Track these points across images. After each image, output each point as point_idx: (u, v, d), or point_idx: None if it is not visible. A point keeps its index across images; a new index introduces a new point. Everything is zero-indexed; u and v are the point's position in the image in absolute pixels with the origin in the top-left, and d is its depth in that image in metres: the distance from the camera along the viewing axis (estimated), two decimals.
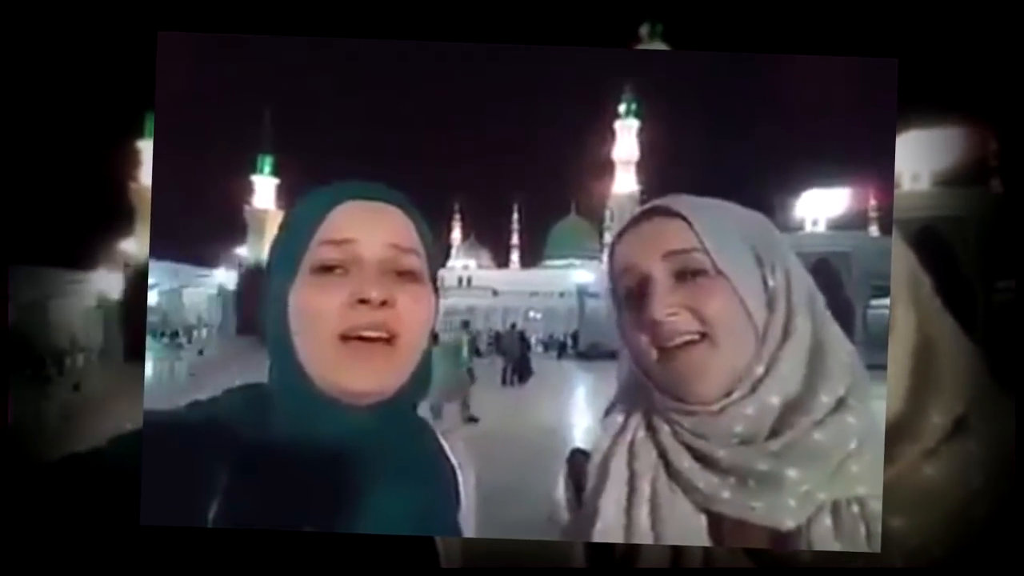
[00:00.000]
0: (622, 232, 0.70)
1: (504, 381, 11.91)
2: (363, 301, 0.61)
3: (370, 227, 0.65)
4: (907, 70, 1.00)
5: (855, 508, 0.60)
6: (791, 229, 19.51)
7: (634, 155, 36.70)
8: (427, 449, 0.70)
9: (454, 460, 0.72)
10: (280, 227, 0.68)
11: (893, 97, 0.98)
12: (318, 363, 0.62)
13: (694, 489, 0.63)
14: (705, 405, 0.63)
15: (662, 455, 0.66)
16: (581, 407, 8.69)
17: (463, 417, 7.60)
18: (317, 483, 0.60)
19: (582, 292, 23.60)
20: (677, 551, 0.65)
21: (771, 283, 0.64)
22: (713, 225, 0.65)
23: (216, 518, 0.57)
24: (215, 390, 0.64)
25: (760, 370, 0.62)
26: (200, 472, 0.59)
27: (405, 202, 0.68)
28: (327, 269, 0.63)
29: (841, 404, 0.62)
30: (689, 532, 0.63)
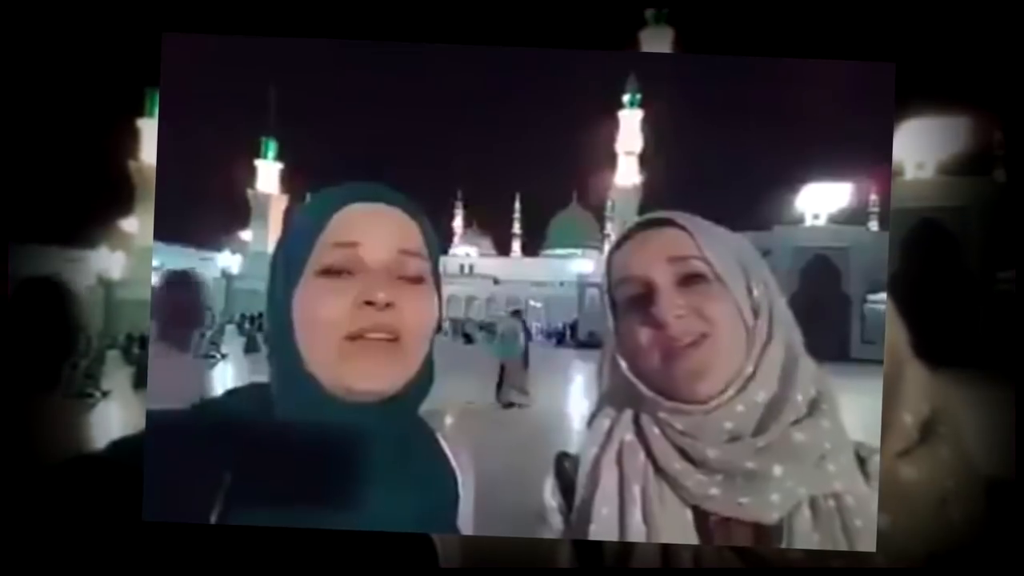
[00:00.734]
0: (620, 242, 0.73)
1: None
2: (369, 303, 0.62)
3: (376, 231, 0.65)
4: (912, 61, 1.01)
5: (831, 503, 0.64)
6: (791, 223, 19.50)
7: (636, 146, 36.51)
8: (427, 449, 0.71)
9: (453, 460, 0.73)
10: (285, 229, 0.69)
11: (891, 100, 1.01)
12: (323, 363, 0.62)
13: (683, 488, 0.65)
14: (702, 404, 0.65)
15: (651, 458, 0.68)
16: (578, 394, 8.84)
17: (503, 401, 7.81)
18: (319, 481, 0.60)
19: (582, 282, 23.64)
20: (670, 550, 0.67)
21: (755, 292, 0.68)
22: (708, 236, 0.69)
23: (219, 515, 0.58)
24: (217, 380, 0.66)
25: (749, 369, 0.66)
26: (203, 469, 0.59)
27: (410, 205, 0.69)
28: (333, 272, 0.63)
29: (815, 409, 0.66)
30: (681, 531, 0.66)
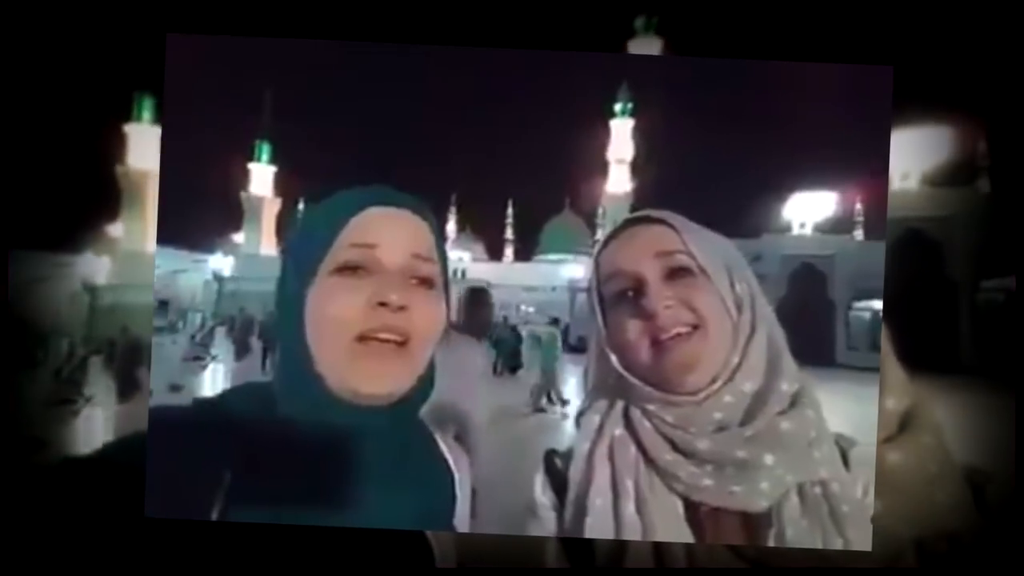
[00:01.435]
0: (607, 240, 0.75)
1: (496, 372, 12.26)
2: (382, 304, 0.62)
3: (394, 233, 0.66)
4: (897, 73, 1.00)
5: (818, 490, 0.66)
6: (779, 231, 19.77)
7: (628, 154, 36.91)
8: (426, 450, 0.72)
9: (451, 461, 0.74)
10: (297, 229, 0.69)
11: (888, 105, 0.99)
12: (333, 363, 0.62)
13: (676, 479, 0.67)
14: (692, 395, 0.67)
15: (642, 450, 0.69)
16: (570, 395, 8.94)
17: (535, 405, 8.02)
18: (319, 479, 0.61)
19: (573, 287, 23.78)
20: (664, 548, 0.68)
21: (738, 288, 0.71)
22: (692, 233, 0.72)
23: (220, 512, 0.58)
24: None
25: (736, 360, 0.68)
26: (204, 466, 0.59)
27: (422, 209, 0.69)
28: (348, 269, 0.64)
29: (798, 400, 0.68)
30: (675, 522, 0.67)
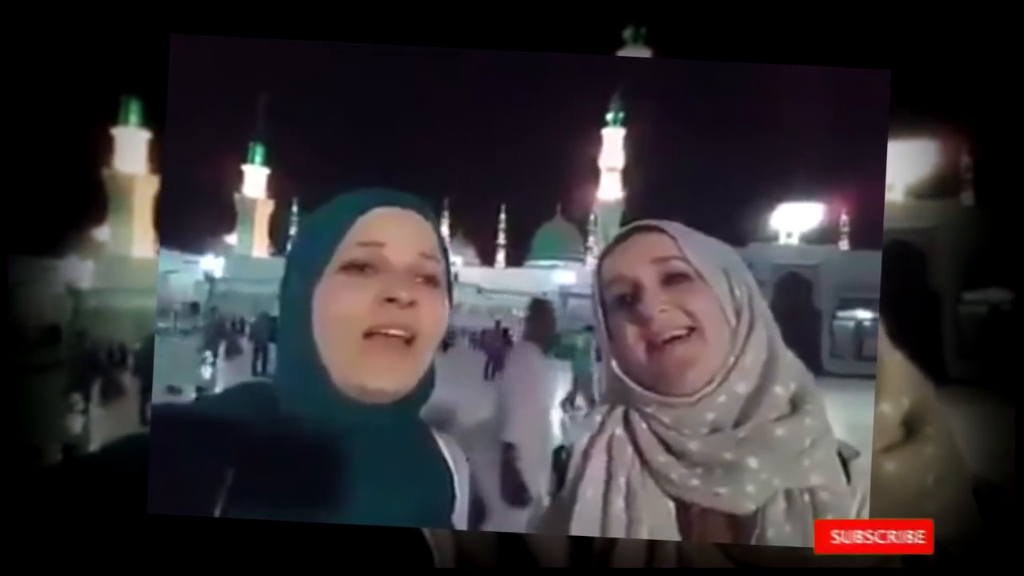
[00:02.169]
0: (609, 248, 0.77)
1: (487, 375, 12.28)
2: (391, 300, 0.63)
3: (400, 233, 0.67)
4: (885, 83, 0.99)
5: (806, 497, 0.66)
6: (766, 240, 20.01)
7: (619, 162, 37.28)
8: (426, 448, 0.73)
9: (450, 460, 0.75)
10: (303, 229, 0.70)
11: (886, 110, 0.97)
12: (341, 359, 0.63)
13: (667, 480, 0.68)
14: (687, 397, 0.68)
15: (638, 450, 0.71)
16: (559, 401, 8.99)
17: (568, 411, 8.13)
18: (320, 477, 0.61)
19: (564, 292, 23.89)
20: (657, 546, 0.69)
21: (737, 293, 0.72)
22: (689, 240, 0.74)
23: (222, 509, 0.58)
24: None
25: (731, 360, 0.69)
26: (207, 464, 0.59)
27: (426, 209, 0.71)
28: (356, 267, 0.64)
29: (799, 407, 0.68)
30: (661, 520, 0.69)
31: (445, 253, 0.72)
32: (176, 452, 0.60)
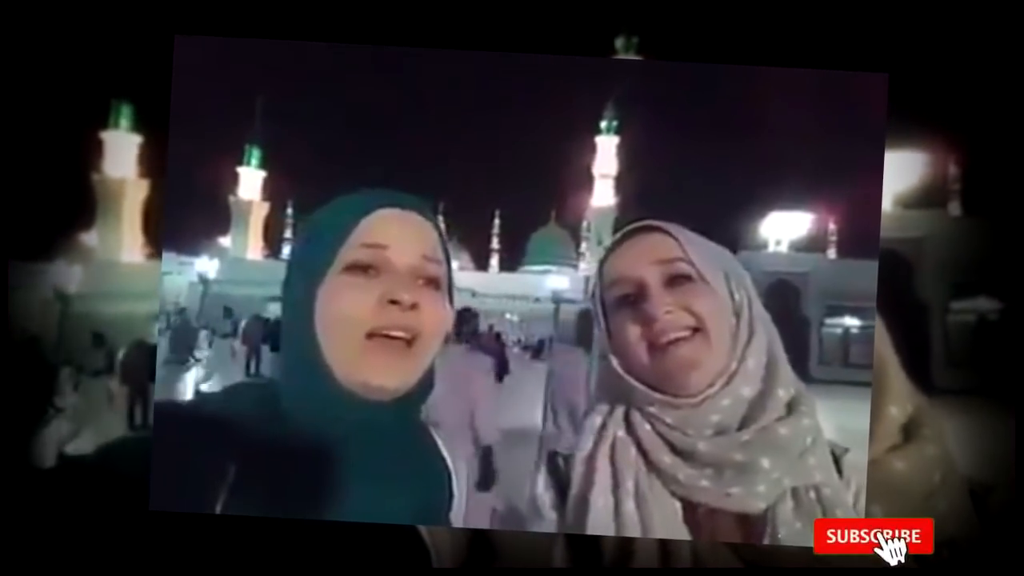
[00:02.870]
0: (612, 248, 0.78)
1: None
2: (394, 302, 0.64)
3: (403, 235, 0.68)
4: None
5: (812, 494, 0.68)
6: (755, 248, 20.15)
7: (613, 169, 37.60)
8: (426, 448, 0.74)
9: (448, 458, 0.76)
10: (306, 229, 0.71)
11: (883, 115, 0.98)
12: (343, 358, 0.64)
13: (674, 481, 0.69)
14: (691, 398, 0.69)
15: (642, 452, 0.71)
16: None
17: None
18: (321, 474, 0.61)
19: (557, 298, 23.98)
20: (666, 546, 0.69)
21: (737, 296, 0.73)
22: (691, 241, 0.74)
23: (224, 505, 0.59)
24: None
25: (734, 365, 0.70)
26: (209, 461, 0.60)
27: (428, 211, 0.71)
28: (359, 268, 0.65)
29: (795, 408, 0.70)
30: (673, 521, 0.69)
31: (446, 254, 0.72)
32: (178, 449, 0.60)
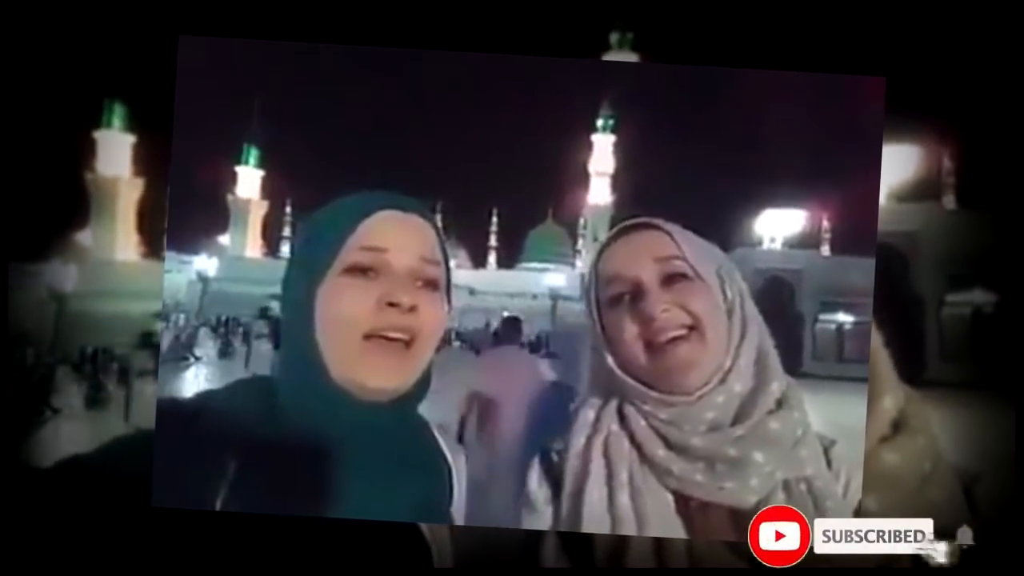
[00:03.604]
0: (607, 245, 0.78)
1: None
2: (392, 304, 0.65)
3: (402, 237, 0.68)
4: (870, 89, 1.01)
5: (803, 486, 0.70)
6: (750, 245, 20.21)
7: (609, 168, 37.67)
8: (426, 445, 0.75)
9: (449, 456, 0.77)
10: (306, 230, 0.71)
11: (880, 117, 0.97)
12: (341, 358, 0.64)
13: (668, 474, 0.70)
14: (687, 395, 0.70)
15: (636, 446, 0.72)
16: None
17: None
18: (321, 472, 0.62)
19: (554, 295, 24.01)
20: (661, 544, 0.70)
21: (729, 294, 0.74)
22: (687, 239, 0.75)
23: (224, 502, 0.60)
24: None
25: (728, 362, 0.72)
26: (209, 458, 0.61)
27: (428, 214, 0.72)
28: (358, 270, 0.66)
29: (784, 401, 0.72)
30: (667, 515, 0.70)
31: (445, 255, 0.73)
32: (179, 447, 0.61)
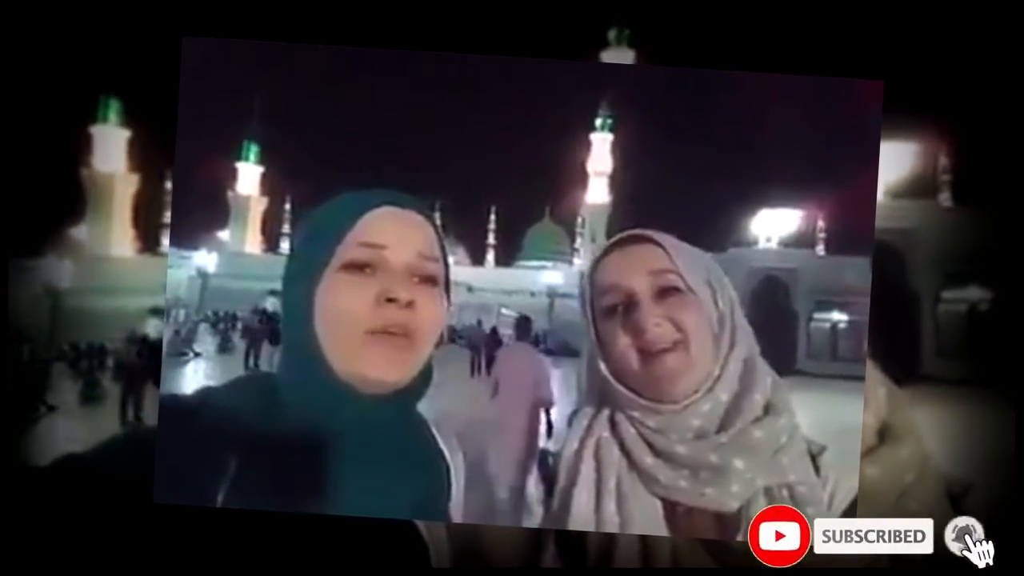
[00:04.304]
0: (603, 255, 0.79)
1: (473, 373, 12.38)
2: (391, 300, 0.65)
3: (401, 234, 0.68)
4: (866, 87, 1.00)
5: (785, 492, 0.70)
6: (746, 244, 20.29)
7: (607, 167, 37.79)
8: (424, 443, 0.75)
9: (447, 454, 0.77)
10: (306, 226, 0.71)
11: (877, 120, 0.97)
12: (342, 352, 0.64)
13: (655, 482, 0.71)
14: (674, 404, 0.71)
15: (625, 452, 0.73)
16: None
17: None
18: (321, 467, 0.62)
19: (552, 293, 24.05)
20: (648, 544, 0.70)
21: (720, 305, 0.75)
22: (680, 253, 0.76)
23: (225, 498, 0.60)
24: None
25: (717, 371, 0.72)
26: (211, 455, 0.61)
27: (426, 211, 0.72)
28: (356, 266, 0.66)
29: (770, 407, 0.72)
30: (650, 520, 0.71)
31: (444, 252, 0.73)
32: (181, 443, 0.61)
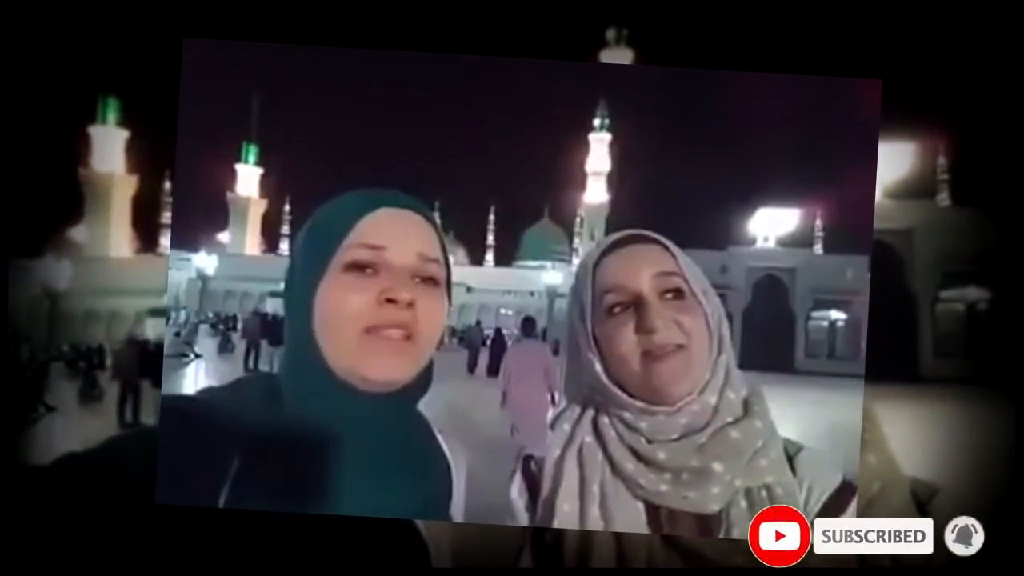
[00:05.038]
0: (604, 254, 0.78)
1: (471, 371, 12.41)
2: (391, 300, 0.65)
3: (401, 235, 0.68)
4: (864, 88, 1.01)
5: (764, 493, 0.71)
6: (744, 244, 20.33)
7: (605, 167, 37.79)
8: (426, 443, 0.75)
9: (448, 454, 0.76)
10: (307, 227, 0.71)
11: (876, 120, 0.97)
12: (342, 353, 0.64)
13: (638, 487, 0.71)
14: (670, 406, 0.71)
15: (608, 458, 0.73)
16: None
17: None
18: (323, 468, 0.62)
19: (552, 292, 24.06)
20: (627, 541, 0.71)
21: (711, 312, 0.75)
22: (682, 256, 0.76)
23: (227, 499, 0.59)
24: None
25: (707, 375, 0.73)
26: (213, 455, 0.60)
27: (427, 212, 0.72)
28: (357, 267, 0.66)
29: (749, 410, 0.73)
30: (637, 523, 0.72)
31: (444, 253, 0.73)
32: (183, 444, 0.61)
